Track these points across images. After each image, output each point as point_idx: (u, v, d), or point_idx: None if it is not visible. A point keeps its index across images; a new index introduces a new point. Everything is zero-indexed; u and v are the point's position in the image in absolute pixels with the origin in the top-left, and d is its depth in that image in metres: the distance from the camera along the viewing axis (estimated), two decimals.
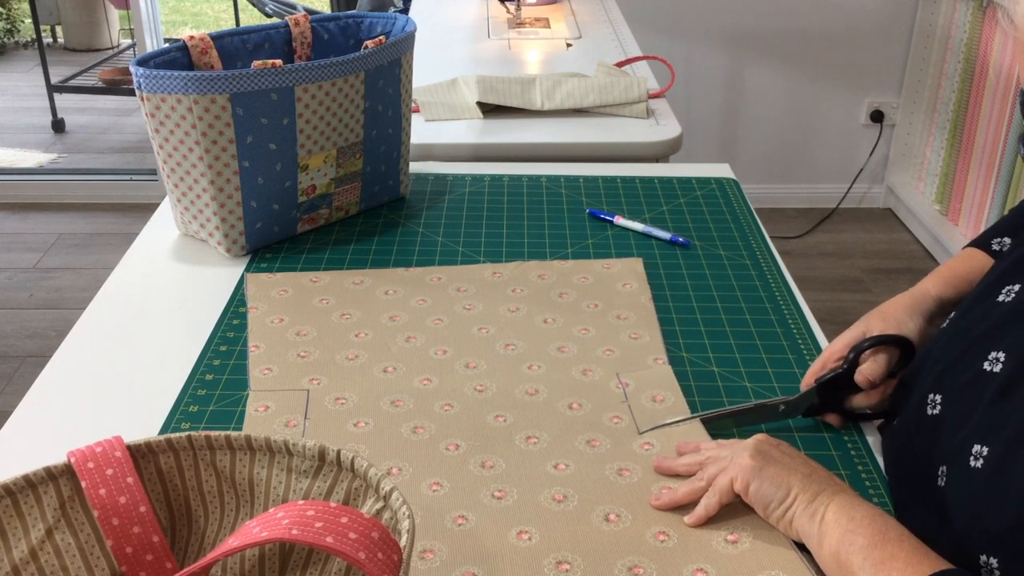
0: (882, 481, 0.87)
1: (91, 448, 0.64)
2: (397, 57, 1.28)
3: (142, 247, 1.28)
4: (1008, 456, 0.69)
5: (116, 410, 0.97)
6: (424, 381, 1.00)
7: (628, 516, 0.82)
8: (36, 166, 3.96)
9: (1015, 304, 0.79)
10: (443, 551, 0.78)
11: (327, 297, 1.14)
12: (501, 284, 1.18)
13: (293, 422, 0.93)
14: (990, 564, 0.67)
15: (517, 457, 0.89)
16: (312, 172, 1.24)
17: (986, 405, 0.74)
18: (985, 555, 0.68)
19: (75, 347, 1.07)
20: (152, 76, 1.12)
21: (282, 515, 0.54)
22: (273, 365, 1.02)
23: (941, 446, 0.77)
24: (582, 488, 0.85)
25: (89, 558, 0.64)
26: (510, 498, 0.84)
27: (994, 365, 0.76)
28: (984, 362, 0.77)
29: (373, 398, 0.97)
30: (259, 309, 1.12)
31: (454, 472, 0.87)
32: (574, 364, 1.03)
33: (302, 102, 1.18)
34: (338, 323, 1.09)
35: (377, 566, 0.52)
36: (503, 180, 1.47)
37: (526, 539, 0.79)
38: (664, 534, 0.80)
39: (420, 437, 0.91)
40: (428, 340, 1.06)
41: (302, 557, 0.66)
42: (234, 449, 0.66)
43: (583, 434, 0.92)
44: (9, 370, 2.66)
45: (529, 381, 1.00)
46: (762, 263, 1.25)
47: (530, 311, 1.12)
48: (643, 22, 3.13)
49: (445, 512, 0.82)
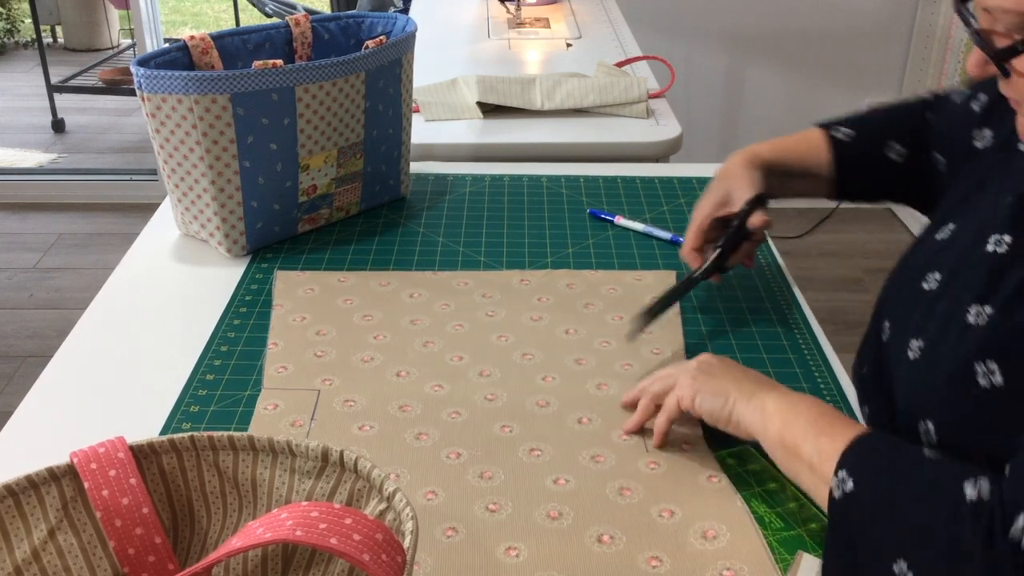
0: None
1: (94, 449, 0.64)
2: (398, 57, 1.28)
3: (143, 247, 1.28)
4: (939, 340, 0.81)
5: (117, 410, 0.96)
6: (435, 387, 0.99)
7: (622, 539, 0.80)
8: (36, 166, 3.96)
9: (952, 238, 0.90)
10: (428, 563, 0.77)
11: (352, 297, 1.14)
12: (527, 292, 1.17)
13: (300, 422, 0.93)
14: (928, 427, 0.79)
15: (517, 469, 0.88)
16: (313, 172, 1.24)
17: (923, 312, 0.85)
18: (923, 421, 0.80)
19: (76, 347, 1.07)
20: (153, 76, 1.12)
21: (286, 516, 0.54)
22: (288, 363, 1.02)
23: (890, 360, 0.89)
24: (579, 506, 0.83)
25: (92, 559, 0.64)
26: (503, 512, 0.83)
27: (931, 284, 0.88)
28: (923, 283, 0.89)
29: (382, 401, 0.96)
30: (284, 307, 1.12)
31: (451, 481, 0.86)
32: (590, 377, 1.01)
33: (303, 102, 1.18)
34: (359, 324, 1.09)
35: (381, 568, 0.52)
36: (504, 180, 1.47)
37: (514, 556, 0.78)
38: (657, 560, 0.78)
39: (422, 444, 0.91)
40: (446, 346, 1.06)
41: (305, 558, 0.66)
42: (237, 449, 0.66)
43: (588, 449, 0.91)
44: (9, 370, 2.66)
45: (542, 393, 0.99)
46: (762, 263, 1.25)
47: (553, 321, 1.11)
48: (643, 22, 3.12)
49: (436, 523, 0.81)
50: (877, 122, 1.13)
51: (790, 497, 0.86)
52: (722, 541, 0.80)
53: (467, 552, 0.78)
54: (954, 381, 0.78)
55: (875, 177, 1.13)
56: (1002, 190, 0.86)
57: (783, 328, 1.11)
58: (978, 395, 0.76)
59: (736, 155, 1.13)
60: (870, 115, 1.15)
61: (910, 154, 1.10)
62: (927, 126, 1.09)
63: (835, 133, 1.13)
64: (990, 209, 0.86)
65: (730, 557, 0.78)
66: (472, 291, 1.17)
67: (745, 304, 1.15)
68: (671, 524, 0.82)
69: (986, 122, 0.97)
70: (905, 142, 1.10)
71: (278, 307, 1.12)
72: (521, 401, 0.97)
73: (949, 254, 0.88)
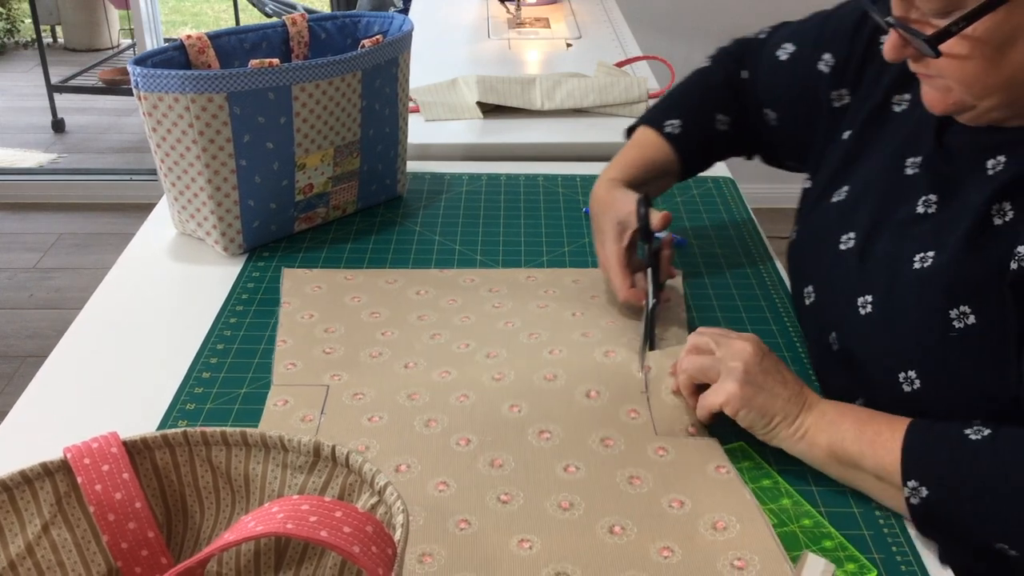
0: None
1: (87, 444, 0.65)
2: (394, 56, 1.29)
3: (139, 246, 1.28)
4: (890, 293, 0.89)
5: (113, 408, 0.97)
6: (443, 374, 0.99)
7: (634, 529, 0.81)
8: (36, 166, 3.97)
9: (851, 199, 1.00)
10: (442, 556, 0.78)
11: (360, 295, 1.15)
12: (534, 286, 1.17)
13: (310, 417, 0.94)
14: (910, 376, 0.86)
15: (528, 455, 0.88)
16: (309, 171, 1.24)
17: (855, 270, 0.94)
18: (903, 372, 0.86)
19: (72, 345, 1.07)
20: (149, 75, 1.12)
21: (276, 509, 0.54)
22: (298, 360, 1.02)
23: (826, 314, 0.97)
24: (590, 496, 0.84)
25: (85, 553, 0.65)
26: (516, 503, 0.83)
27: (848, 244, 0.96)
28: (839, 244, 0.97)
29: (390, 392, 0.97)
30: (291, 304, 1.12)
31: (462, 471, 0.86)
32: (597, 347, 1.02)
33: (299, 101, 1.18)
34: (367, 321, 1.09)
35: (371, 560, 0.52)
36: (500, 179, 1.48)
37: (527, 548, 0.79)
38: (669, 550, 0.79)
39: (432, 431, 0.91)
40: (452, 336, 1.06)
41: (297, 552, 0.67)
42: (230, 445, 0.67)
43: (597, 431, 0.91)
44: (9, 370, 2.67)
45: (549, 366, 0.99)
46: (759, 262, 1.25)
47: (559, 307, 1.12)
48: (643, 22, 3.13)
49: (448, 515, 0.81)
50: (698, 101, 1.21)
51: (783, 494, 0.86)
52: (732, 532, 0.80)
53: (481, 544, 0.79)
54: (927, 329, 0.85)
55: (712, 151, 1.23)
56: (897, 152, 0.96)
57: (778, 326, 1.11)
58: (955, 337, 0.83)
59: (598, 188, 1.16)
60: (684, 97, 1.22)
61: (735, 119, 1.20)
62: (746, 87, 1.19)
63: (666, 129, 1.19)
64: (893, 172, 0.96)
65: (741, 548, 0.79)
66: (479, 287, 1.17)
67: (741, 303, 1.16)
68: (681, 515, 0.83)
69: (841, 83, 1.07)
70: (728, 110, 1.20)
71: (286, 304, 1.12)
72: (528, 377, 0.98)
73: (858, 214, 0.97)
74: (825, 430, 0.86)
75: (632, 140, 1.22)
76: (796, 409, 0.87)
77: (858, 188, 1.00)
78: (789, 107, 1.15)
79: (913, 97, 0.97)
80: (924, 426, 0.83)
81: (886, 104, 1.01)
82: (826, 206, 1.03)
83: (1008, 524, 0.77)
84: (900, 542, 0.81)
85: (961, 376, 0.84)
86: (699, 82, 1.23)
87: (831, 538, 0.81)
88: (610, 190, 1.14)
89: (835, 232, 0.99)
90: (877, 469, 0.83)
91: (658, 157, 1.19)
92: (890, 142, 0.99)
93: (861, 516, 0.84)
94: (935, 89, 0.85)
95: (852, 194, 1.00)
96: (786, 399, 0.88)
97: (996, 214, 0.83)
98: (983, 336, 0.82)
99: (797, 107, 1.13)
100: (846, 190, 1.01)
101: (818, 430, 0.86)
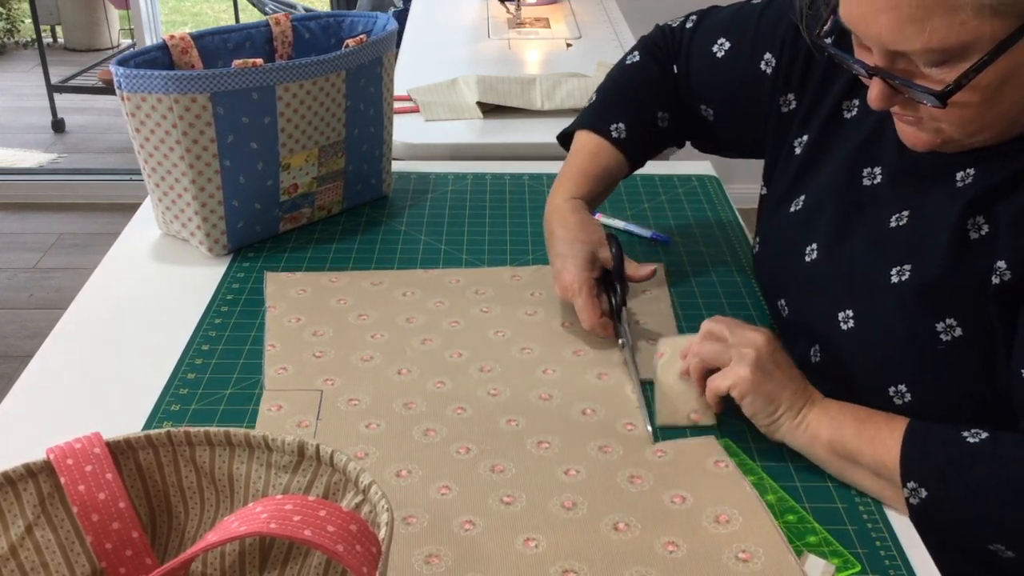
0: None
1: (70, 444, 0.64)
2: (378, 56, 1.28)
3: (124, 246, 1.28)
4: (871, 307, 0.90)
5: (98, 409, 0.96)
6: (438, 384, 0.99)
7: (638, 525, 0.81)
8: (36, 166, 3.95)
9: (808, 209, 1.01)
10: (449, 556, 0.78)
11: (345, 297, 1.14)
12: (519, 287, 1.17)
13: (306, 422, 0.93)
14: (900, 390, 0.87)
15: (528, 461, 0.89)
16: (294, 171, 1.24)
17: (827, 283, 0.95)
18: (893, 386, 0.88)
19: (57, 346, 1.07)
20: (132, 75, 1.12)
21: (260, 509, 0.54)
22: (288, 364, 1.02)
23: (805, 328, 0.98)
24: (592, 495, 0.85)
25: (69, 554, 0.65)
26: (519, 504, 0.84)
27: (812, 256, 0.98)
28: (804, 257, 0.99)
29: (386, 400, 0.97)
30: (277, 308, 1.12)
31: (463, 476, 0.87)
32: (589, 368, 1.02)
33: (283, 101, 1.18)
34: (355, 324, 1.09)
35: (356, 558, 0.53)
36: (486, 179, 1.48)
37: (533, 546, 0.79)
38: (673, 544, 0.79)
39: (431, 440, 0.91)
40: (444, 342, 1.06)
41: (282, 552, 0.67)
42: (213, 445, 0.66)
43: (595, 440, 0.92)
44: (9, 370, 2.65)
45: (543, 386, 0.99)
46: (743, 260, 1.26)
47: (548, 315, 1.11)
48: (643, 22, 3.10)
49: (452, 516, 0.82)
50: (637, 100, 1.19)
51: (768, 490, 0.86)
52: (735, 525, 0.81)
53: (487, 544, 0.79)
54: (915, 344, 0.87)
55: (653, 148, 1.22)
56: (851, 160, 0.96)
57: (762, 325, 1.11)
58: (943, 350, 0.85)
59: (561, 206, 1.12)
60: (622, 96, 1.19)
61: (673, 115, 1.19)
62: (679, 81, 1.18)
63: (612, 134, 1.17)
64: (850, 181, 0.96)
65: (745, 540, 0.80)
66: (464, 288, 1.17)
67: (726, 300, 1.16)
68: (684, 509, 0.83)
69: (787, 87, 1.05)
70: (668, 107, 1.19)
71: (272, 309, 1.12)
72: (524, 395, 0.98)
73: (819, 225, 0.98)
74: (827, 424, 0.87)
75: (578, 147, 1.18)
76: (801, 402, 0.88)
77: (814, 198, 1.00)
78: (728, 104, 1.13)
79: (861, 103, 0.96)
80: (922, 427, 0.83)
81: (837, 111, 1.00)
82: (785, 215, 1.04)
83: (1004, 525, 0.78)
84: (884, 537, 0.82)
85: (952, 386, 0.85)
86: (634, 78, 1.20)
87: (815, 533, 0.82)
88: (575, 211, 1.11)
89: (799, 243, 1.00)
90: (875, 466, 0.84)
91: (611, 164, 1.17)
92: (844, 148, 0.98)
93: (845, 511, 0.84)
94: (924, 131, 0.83)
95: (808, 204, 1.01)
96: (792, 391, 0.88)
97: (972, 228, 0.84)
98: (971, 346, 0.83)
99: (736, 104, 1.12)
100: (803, 199, 1.02)
101: (820, 424, 0.87)
